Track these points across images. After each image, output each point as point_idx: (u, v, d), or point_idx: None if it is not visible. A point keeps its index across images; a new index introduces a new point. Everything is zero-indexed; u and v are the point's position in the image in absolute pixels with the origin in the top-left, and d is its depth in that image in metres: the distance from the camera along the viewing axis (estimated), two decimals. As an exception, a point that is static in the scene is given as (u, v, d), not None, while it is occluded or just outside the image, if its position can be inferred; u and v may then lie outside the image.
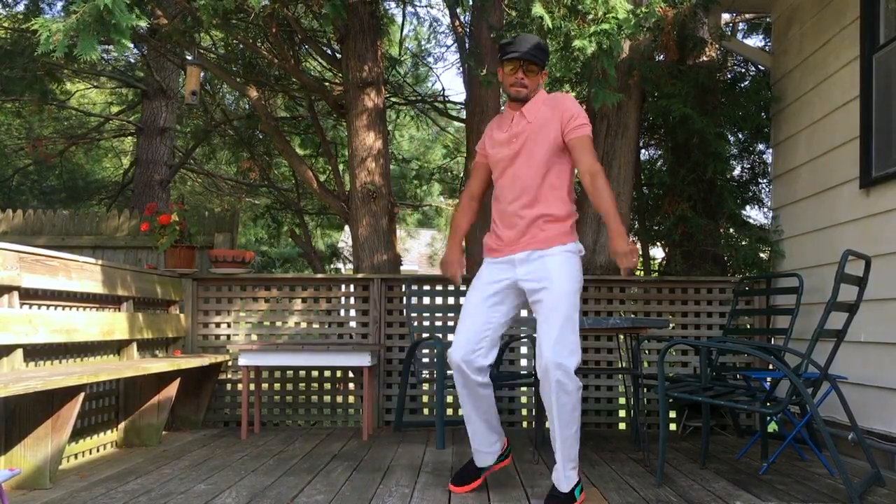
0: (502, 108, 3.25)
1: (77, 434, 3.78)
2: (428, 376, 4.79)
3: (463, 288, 4.89)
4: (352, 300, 5.13)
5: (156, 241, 4.93)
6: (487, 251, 3.04)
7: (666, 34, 4.53)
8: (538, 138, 2.89)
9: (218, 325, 5.09)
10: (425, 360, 4.94)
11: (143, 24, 3.40)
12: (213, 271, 4.99)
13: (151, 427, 4.20)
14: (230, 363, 4.99)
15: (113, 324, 4.02)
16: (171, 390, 4.25)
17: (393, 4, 8.37)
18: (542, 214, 2.88)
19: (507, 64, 2.91)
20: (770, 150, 5.41)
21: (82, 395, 3.17)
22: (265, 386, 5.03)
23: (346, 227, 7.94)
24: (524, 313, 5.14)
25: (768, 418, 3.89)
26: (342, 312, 5.16)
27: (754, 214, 17.00)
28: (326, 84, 6.82)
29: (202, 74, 5.54)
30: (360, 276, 5.13)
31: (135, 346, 4.33)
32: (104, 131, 11.01)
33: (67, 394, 3.12)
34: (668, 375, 4.44)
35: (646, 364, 5.27)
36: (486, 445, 3.04)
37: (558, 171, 2.92)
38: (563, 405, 2.72)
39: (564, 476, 2.80)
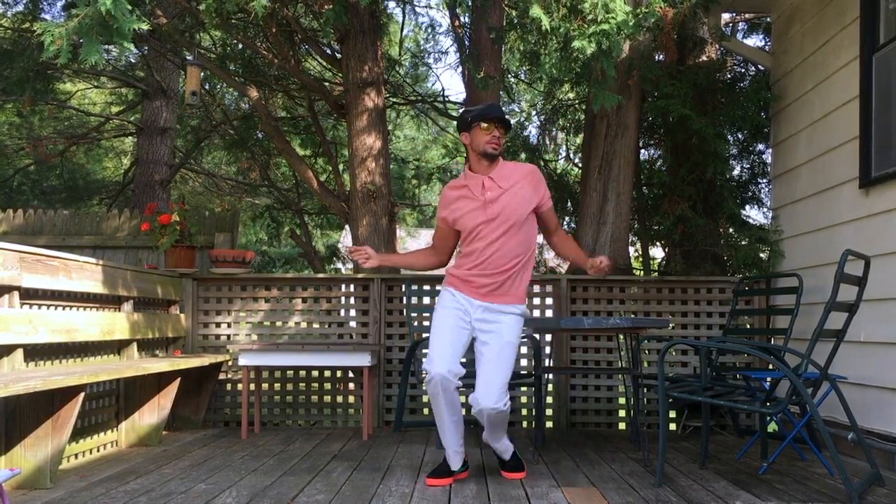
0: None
1: (77, 434, 3.78)
2: (428, 376, 4.78)
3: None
4: (352, 300, 5.13)
5: (156, 241, 4.93)
6: (451, 283, 3.28)
7: (666, 34, 4.52)
8: (516, 204, 3.18)
9: (218, 325, 5.09)
10: (425, 359, 4.94)
11: (145, 27, 3.39)
12: (214, 271, 4.99)
13: (151, 427, 4.20)
14: (230, 363, 4.99)
15: (113, 324, 4.02)
16: (171, 390, 4.25)
17: (392, 4, 8.38)
18: (511, 276, 3.20)
19: (484, 124, 3.19)
20: (770, 150, 5.42)
21: (82, 395, 3.17)
22: (265, 386, 5.03)
23: (346, 227, 7.94)
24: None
25: (768, 418, 3.89)
26: (342, 312, 5.16)
27: (754, 214, 16.99)
28: (326, 84, 6.83)
29: (202, 74, 5.54)
30: (360, 276, 5.13)
31: (135, 346, 4.33)
32: (104, 131, 11.00)
33: (67, 394, 3.12)
34: (668, 375, 4.44)
35: (646, 364, 5.28)
36: (457, 445, 3.26)
37: (528, 233, 3.24)
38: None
39: (502, 451, 3.34)
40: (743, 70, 6.33)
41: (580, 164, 6.82)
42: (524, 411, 5.06)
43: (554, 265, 8.03)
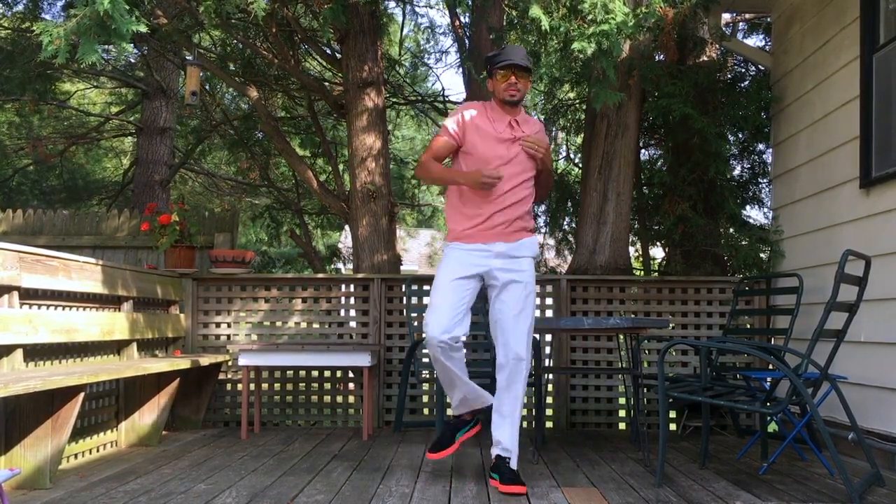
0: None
1: (77, 434, 3.78)
2: (428, 376, 4.79)
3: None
4: (352, 300, 5.13)
5: (156, 241, 4.93)
6: (459, 237, 3.22)
7: (666, 34, 4.52)
8: (527, 153, 3.21)
9: (218, 325, 5.08)
10: (425, 360, 4.94)
11: (143, 28, 3.40)
12: (214, 271, 4.99)
13: (151, 427, 4.20)
14: (230, 363, 4.99)
15: (113, 324, 4.02)
16: (171, 390, 4.25)
17: (392, 4, 8.38)
18: (521, 209, 3.20)
19: (500, 71, 3.16)
20: (770, 150, 5.41)
21: (82, 395, 3.17)
22: (265, 386, 5.03)
23: (346, 227, 7.94)
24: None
25: (768, 418, 3.89)
26: (342, 312, 5.16)
27: (754, 214, 17.00)
28: (326, 84, 6.83)
29: (202, 74, 5.53)
30: (360, 276, 5.13)
31: (135, 346, 4.33)
32: (104, 131, 11.01)
33: (67, 394, 3.12)
34: (668, 375, 4.44)
35: (646, 364, 5.27)
36: (475, 397, 3.25)
37: (531, 182, 3.27)
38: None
39: (516, 456, 3.14)
40: (743, 70, 6.33)
41: (580, 164, 6.82)
42: (524, 411, 5.05)
43: (554, 265, 8.03)
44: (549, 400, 4.97)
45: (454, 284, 3.13)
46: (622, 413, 5.02)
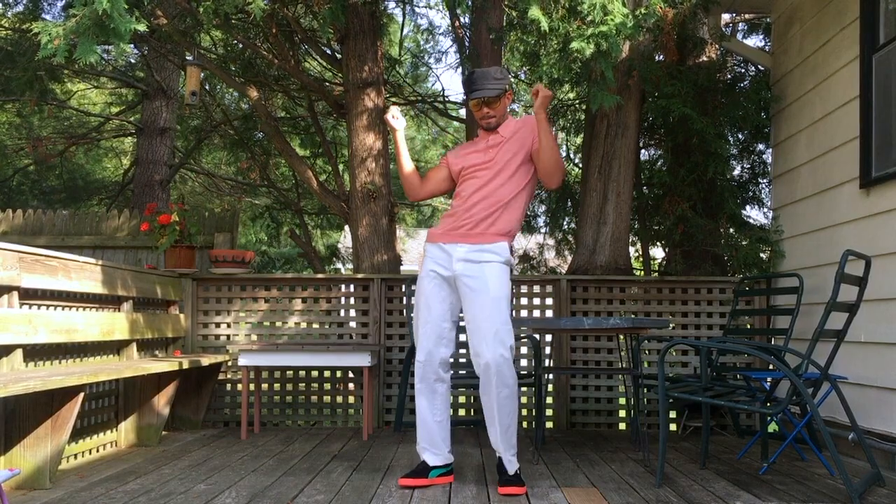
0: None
1: (77, 434, 3.78)
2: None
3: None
4: (352, 300, 5.13)
5: (156, 241, 4.93)
6: (430, 238, 3.27)
7: (666, 34, 4.52)
8: (514, 149, 3.21)
9: (218, 325, 5.08)
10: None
11: (142, 27, 3.40)
12: (213, 271, 4.99)
13: (151, 427, 4.20)
14: (230, 363, 4.99)
15: (113, 324, 4.02)
16: (171, 390, 4.25)
17: (392, 4, 8.38)
18: (493, 215, 3.16)
19: (472, 101, 3.23)
20: (770, 150, 5.42)
21: (82, 395, 3.17)
22: (265, 386, 5.03)
23: (346, 227, 7.94)
24: (524, 313, 5.14)
25: (768, 418, 3.89)
26: (342, 312, 5.16)
27: (754, 214, 16.98)
28: (326, 84, 6.82)
29: (202, 74, 5.53)
30: (360, 276, 5.13)
31: (135, 346, 4.33)
32: (104, 131, 11.01)
33: (67, 394, 3.12)
34: (668, 375, 4.44)
35: (646, 364, 5.27)
36: (436, 447, 3.22)
37: (518, 187, 3.19)
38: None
39: (507, 461, 3.09)
40: (743, 70, 6.33)
41: (580, 164, 6.82)
42: (524, 411, 5.05)
43: (554, 265, 8.03)
44: (549, 400, 4.97)
45: (425, 306, 3.18)
46: (622, 413, 5.02)
